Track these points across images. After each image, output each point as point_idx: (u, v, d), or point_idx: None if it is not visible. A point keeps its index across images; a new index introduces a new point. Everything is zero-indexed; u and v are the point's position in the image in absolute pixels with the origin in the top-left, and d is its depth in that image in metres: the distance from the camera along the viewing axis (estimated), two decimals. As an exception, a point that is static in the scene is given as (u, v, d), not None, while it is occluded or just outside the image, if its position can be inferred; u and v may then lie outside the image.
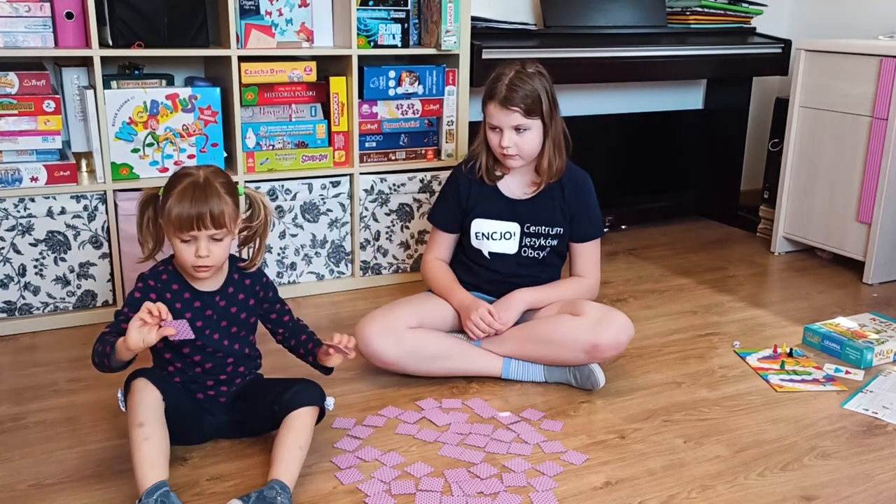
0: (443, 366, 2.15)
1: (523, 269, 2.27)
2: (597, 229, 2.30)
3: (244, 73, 2.58)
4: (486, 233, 2.25)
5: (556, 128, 2.18)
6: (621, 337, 2.09)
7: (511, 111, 2.11)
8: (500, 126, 2.14)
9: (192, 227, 1.67)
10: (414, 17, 2.85)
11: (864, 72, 2.96)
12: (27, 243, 2.43)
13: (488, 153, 2.23)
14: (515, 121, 2.11)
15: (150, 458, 1.59)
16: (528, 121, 2.12)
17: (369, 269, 2.93)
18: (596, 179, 2.31)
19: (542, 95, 2.13)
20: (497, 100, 2.12)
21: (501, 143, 2.14)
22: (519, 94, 2.10)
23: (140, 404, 1.65)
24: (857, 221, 3.05)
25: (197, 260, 1.70)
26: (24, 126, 2.38)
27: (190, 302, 1.77)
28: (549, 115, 2.15)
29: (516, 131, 2.13)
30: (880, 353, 2.36)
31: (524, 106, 2.11)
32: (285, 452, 1.68)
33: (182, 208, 1.67)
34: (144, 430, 1.62)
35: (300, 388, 1.78)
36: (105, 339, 1.71)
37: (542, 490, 1.72)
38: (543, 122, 2.15)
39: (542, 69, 2.18)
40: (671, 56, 3.30)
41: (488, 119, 2.17)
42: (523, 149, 2.15)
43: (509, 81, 2.12)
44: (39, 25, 2.36)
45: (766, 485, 1.76)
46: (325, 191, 2.78)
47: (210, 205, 1.67)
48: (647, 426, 1.99)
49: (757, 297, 2.90)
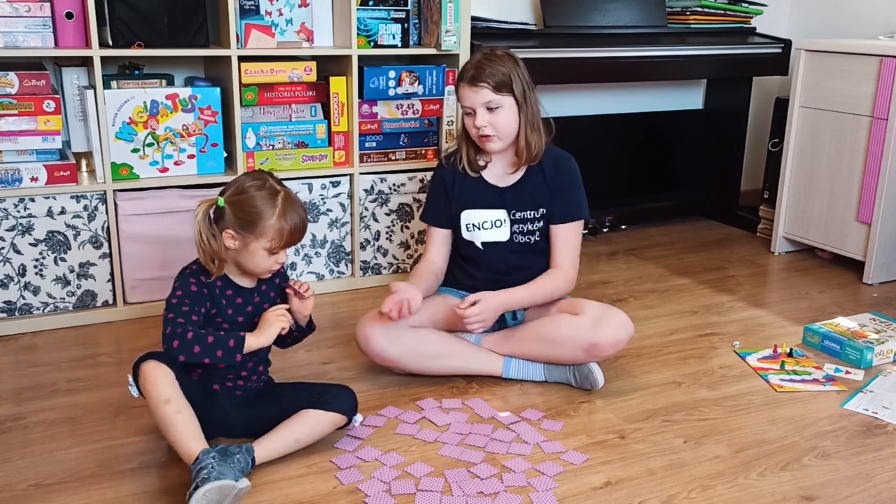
0: (443, 364, 2.15)
1: (519, 257, 2.23)
2: (576, 210, 2.22)
3: (244, 73, 2.58)
4: (477, 223, 2.23)
5: (530, 108, 2.15)
6: (620, 335, 2.09)
7: (479, 88, 2.09)
8: (472, 107, 2.12)
9: (297, 240, 1.77)
10: (414, 17, 2.85)
11: (864, 72, 2.96)
12: (27, 243, 2.43)
13: (468, 143, 2.21)
14: (485, 97, 2.09)
15: (190, 429, 1.64)
16: (498, 97, 2.10)
17: (369, 269, 2.93)
18: (596, 179, 2.32)
19: (511, 74, 2.11)
20: (466, 80, 2.12)
21: (475, 123, 2.12)
22: (486, 72, 2.09)
23: (160, 381, 1.66)
24: (857, 221, 3.05)
25: (274, 266, 1.79)
26: (24, 126, 2.38)
27: (233, 298, 1.81)
28: (521, 94, 2.13)
29: (488, 111, 2.11)
30: (880, 353, 2.36)
31: (492, 81, 2.09)
32: (278, 433, 1.75)
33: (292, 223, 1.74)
34: (173, 405, 1.64)
35: (340, 393, 1.84)
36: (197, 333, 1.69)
37: (542, 490, 1.72)
38: (517, 100, 2.13)
39: (514, 55, 2.17)
40: (671, 56, 3.30)
41: (461, 102, 2.16)
42: (499, 127, 2.12)
43: (476, 62, 2.12)
44: (39, 25, 2.36)
45: (766, 485, 1.76)
46: (325, 191, 2.78)
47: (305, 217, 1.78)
48: (647, 426, 1.99)
49: (757, 297, 2.90)
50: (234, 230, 1.74)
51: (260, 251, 1.75)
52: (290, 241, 1.76)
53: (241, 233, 1.74)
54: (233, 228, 1.74)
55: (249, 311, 1.84)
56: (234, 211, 1.73)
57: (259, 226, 1.73)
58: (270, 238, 1.73)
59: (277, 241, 1.74)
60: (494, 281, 2.25)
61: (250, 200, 1.73)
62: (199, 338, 1.69)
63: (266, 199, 1.73)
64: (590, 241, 3.51)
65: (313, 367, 2.26)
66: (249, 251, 1.75)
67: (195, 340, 1.69)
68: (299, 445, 1.78)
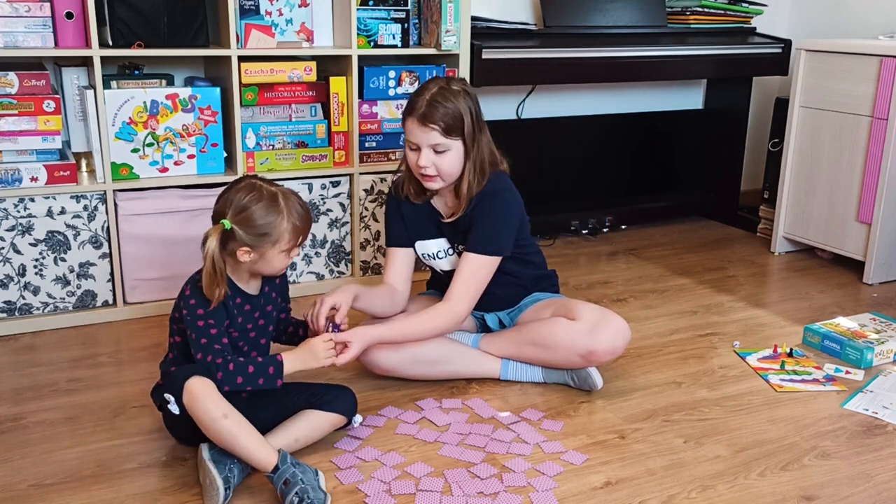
0: (442, 369, 2.15)
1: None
2: (486, 244, 2.04)
3: (244, 73, 2.58)
4: (430, 253, 2.19)
5: (479, 150, 2.03)
6: (618, 343, 2.07)
7: (429, 129, 1.96)
8: (417, 144, 2.00)
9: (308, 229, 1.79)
10: (414, 17, 2.85)
11: (864, 72, 2.96)
12: (27, 243, 2.43)
13: (410, 175, 2.11)
14: (433, 139, 1.97)
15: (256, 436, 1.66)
16: (447, 140, 1.98)
17: (369, 269, 2.93)
18: (596, 179, 2.30)
19: (464, 115, 1.98)
20: (416, 115, 1.98)
21: (419, 161, 2.00)
22: (439, 112, 1.96)
23: (212, 396, 1.65)
24: (857, 221, 3.05)
25: (290, 261, 1.81)
26: (24, 126, 2.38)
27: (241, 306, 1.80)
28: (471, 136, 2.00)
29: (434, 151, 1.99)
30: (880, 353, 2.36)
31: (443, 124, 1.96)
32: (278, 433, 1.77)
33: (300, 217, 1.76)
34: (232, 417, 1.65)
35: (341, 394, 1.85)
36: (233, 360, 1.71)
37: (542, 490, 1.72)
38: (465, 143, 2.00)
39: (468, 87, 2.04)
40: (671, 56, 3.30)
41: (406, 135, 2.03)
42: (442, 169, 2.01)
43: (430, 97, 1.97)
44: (39, 25, 2.36)
45: (767, 485, 1.76)
46: (325, 191, 2.78)
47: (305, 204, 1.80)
48: (647, 426, 1.99)
49: (757, 297, 2.90)
50: (249, 246, 1.73)
51: (278, 255, 1.76)
52: (304, 232, 1.79)
53: (257, 246, 1.73)
54: (247, 245, 1.73)
55: (257, 317, 1.84)
56: (244, 229, 1.72)
57: (273, 234, 1.73)
58: (287, 240, 1.75)
59: (294, 240, 1.77)
60: None
61: (256, 213, 1.72)
62: (240, 368, 1.71)
63: (270, 207, 1.73)
64: (590, 241, 3.51)
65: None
66: (267, 259, 1.76)
67: (237, 371, 1.70)
68: (299, 445, 1.79)
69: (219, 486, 1.60)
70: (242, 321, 1.80)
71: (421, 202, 2.15)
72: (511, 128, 3.40)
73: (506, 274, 2.16)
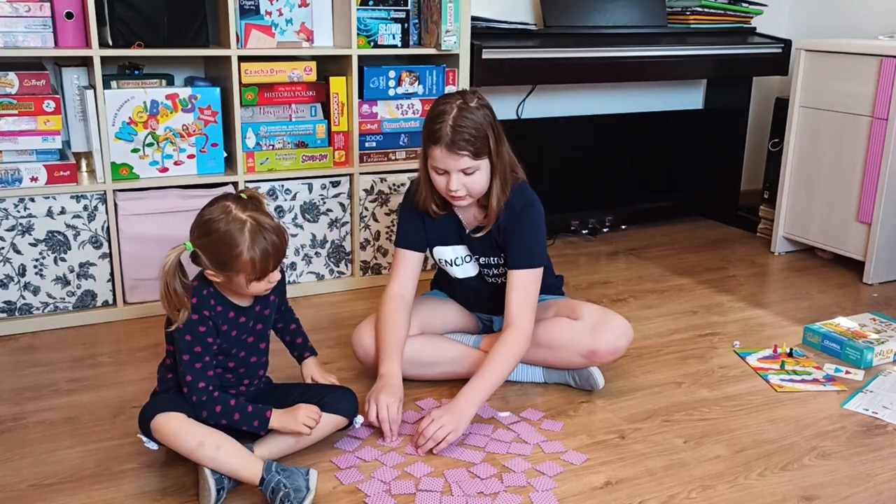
0: (442, 371, 2.15)
1: (492, 289, 2.18)
2: (529, 259, 2.04)
3: (244, 73, 2.58)
4: (448, 260, 2.16)
5: (502, 163, 1.99)
6: (620, 342, 2.08)
7: (459, 156, 1.90)
8: (446, 169, 1.94)
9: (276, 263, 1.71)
10: (414, 17, 2.85)
11: (864, 72, 2.96)
12: (27, 243, 2.43)
13: (432, 191, 2.04)
14: (464, 164, 1.92)
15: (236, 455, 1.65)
16: (476, 162, 1.93)
17: (369, 269, 2.93)
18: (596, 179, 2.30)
19: (488, 133, 1.93)
20: (443, 144, 1.90)
21: (449, 186, 1.95)
22: (465, 136, 1.89)
23: (182, 430, 1.64)
24: (857, 221, 3.05)
25: (269, 285, 1.74)
26: (24, 126, 2.38)
27: (235, 319, 1.76)
28: (496, 151, 1.96)
29: (464, 174, 1.94)
30: (880, 353, 2.36)
31: (472, 149, 1.90)
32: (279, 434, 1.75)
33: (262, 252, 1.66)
34: (209, 444, 1.63)
35: (341, 396, 1.84)
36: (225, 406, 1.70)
37: (542, 490, 1.72)
38: (491, 160, 1.97)
39: (484, 99, 1.98)
40: (671, 56, 3.30)
41: (432, 163, 1.96)
42: (472, 189, 1.97)
43: (453, 122, 1.90)
44: (39, 25, 2.36)
45: (766, 485, 1.76)
46: (325, 191, 2.78)
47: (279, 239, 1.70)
48: (647, 426, 1.99)
49: (757, 297, 2.90)
50: (213, 269, 1.69)
51: (247, 282, 1.70)
52: (266, 267, 1.68)
53: (221, 272, 1.69)
54: (211, 268, 1.69)
55: (252, 326, 1.80)
56: (204, 254, 1.67)
57: (233, 263, 1.66)
58: (249, 271, 1.67)
59: (254, 272, 1.68)
60: (476, 303, 2.25)
61: (217, 240, 1.65)
62: (226, 412, 1.69)
63: (232, 236, 1.65)
64: (590, 241, 3.51)
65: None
66: (236, 284, 1.70)
67: (222, 414, 1.69)
68: (300, 446, 1.79)
69: (211, 488, 1.60)
70: (237, 333, 1.77)
71: (443, 214, 2.10)
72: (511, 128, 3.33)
73: None
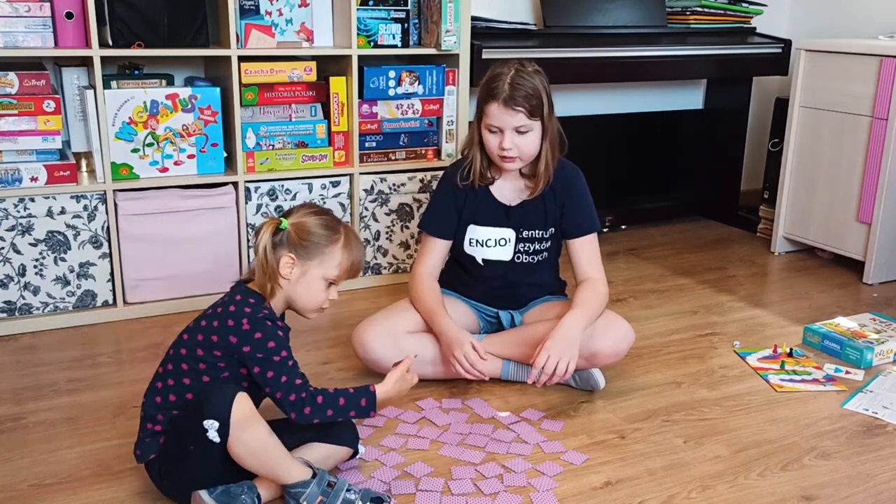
0: (442, 369, 2.15)
1: (516, 275, 2.22)
2: (590, 223, 2.18)
3: (244, 73, 2.58)
4: (481, 240, 2.19)
5: (552, 129, 2.09)
6: (620, 346, 2.09)
7: (515, 112, 2.01)
8: (501, 127, 2.04)
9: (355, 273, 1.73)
10: (414, 17, 2.85)
11: (864, 72, 2.96)
12: (27, 243, 2.43)
13: (482, 155, 2.14)
14: (519, 122, 2.02)
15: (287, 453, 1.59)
16: (530, 122, 2.04)
17: (369, 269, 2.93)
18: (596, 179, 2.30)
19: (542, 95, 2.04)
20: (500, 100, 2.01)
21: (503, 144, 2.04)
22: (522, 94, 2.00)
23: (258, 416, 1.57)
24: (857, 221, 3.05)
25: (325, 303, 1.73)
26: (24, 126, 2.38)
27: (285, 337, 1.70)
28: (548, 116, 2.07)
29: (517, 133, 2.05)
30: (880, 353, 2.36)
31: (528, 106, 2.01)
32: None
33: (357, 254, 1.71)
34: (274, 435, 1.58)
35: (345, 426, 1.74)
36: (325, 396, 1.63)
37: (542, 490, 1.72)
38: (543, 123, 2.07)
39: (539, 68, 2.09)
40: (671, 56, 3.30)
41: (488, 120, 2.06)
42: (524, 150, 2.06)
43: (511, 80, 2.02)
44: (39, 25, 2.36)
45: (766, 485, 1.76)
46: (325, 191, 2.78)
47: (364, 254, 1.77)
48: (647, 426, 1.99)
49: (757, 297, 2.90)
50: (296, 254, 1.66)
51: (318, 281, 1.68)
52: (351, 272, 1.71)
53: (303, 258, 1.67)
54: (294, 252, 1.66)
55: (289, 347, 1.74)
56: (297, 234, 1.65)
57: (324, 251, 1.67)
58: (335, 265, 1.68)
59: (339, 271, 1.69)
60: (490, 294, 2.25)
61: (315, 224, 1.68)
62: (329, 401, 1.62)
63: (330, 227, 1.69)
64: (590, 241, 3.51)
65: (313, 368, 2.26)
66: (307, 280, 1.68)
67: (327, 404, 1.62)
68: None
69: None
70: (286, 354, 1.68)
71: (485, 188, 2.18)
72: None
73: (537, 272, 2.21)
